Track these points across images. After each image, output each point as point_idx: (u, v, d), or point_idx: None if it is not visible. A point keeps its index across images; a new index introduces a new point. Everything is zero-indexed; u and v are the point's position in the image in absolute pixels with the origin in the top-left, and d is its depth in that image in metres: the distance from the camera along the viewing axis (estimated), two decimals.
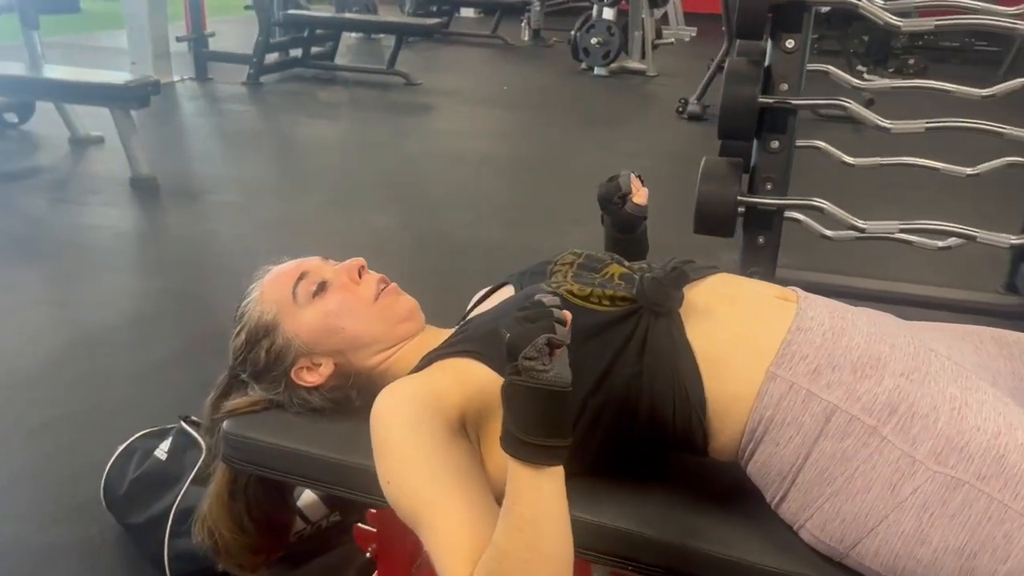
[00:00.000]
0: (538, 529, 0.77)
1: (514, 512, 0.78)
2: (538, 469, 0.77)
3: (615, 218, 1.27)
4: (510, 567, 0.78)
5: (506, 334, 0.77)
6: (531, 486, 0.78)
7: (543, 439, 0.76)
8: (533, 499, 0.78)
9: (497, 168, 4.53)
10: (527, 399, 0.76)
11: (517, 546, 0.77)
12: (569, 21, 9.19)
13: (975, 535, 0.79)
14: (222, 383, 1.18)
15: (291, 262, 1.15)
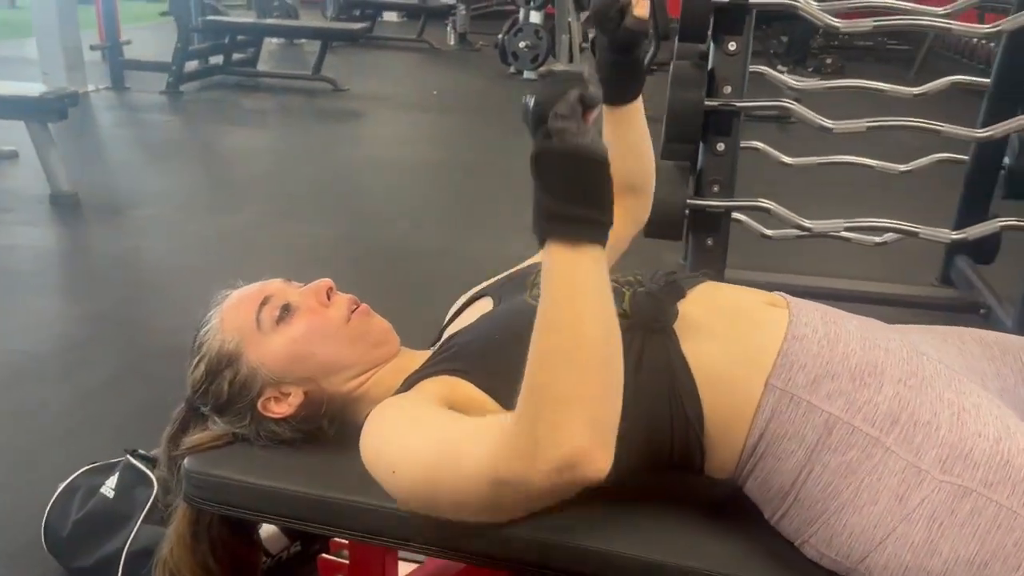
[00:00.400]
0: (583, 316, 0.72)
1: (554, 303, 0.73)
2: (576, 248, 0.71)
3: (613, 37, 1.07)
4: (552, 367, 0.72)
5: (530, 101, 0.71)
6: (574, 267, 0.72)
7: (581, 208, 0.70)
8: (576, 284, 0.72)
9: (435, 174, 4.48)
10: (563, 165, 0.70)
11: (559, 340, 0.72)
12: (495, 25, 9.17)
13: (985, 544, 0.78)
14: (179, 417, 1.11)
15: (251, 286, 1.09)
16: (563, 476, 0.72)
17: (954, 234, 2.30)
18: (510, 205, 3.87)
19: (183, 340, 1.09)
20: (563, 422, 0.71)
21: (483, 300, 1.09)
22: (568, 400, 0.72)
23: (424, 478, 0.84)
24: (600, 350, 0.73)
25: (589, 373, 0.73)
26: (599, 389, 0.73)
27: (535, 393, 0.73)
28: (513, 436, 0.75)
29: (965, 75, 2.56)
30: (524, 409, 0.74)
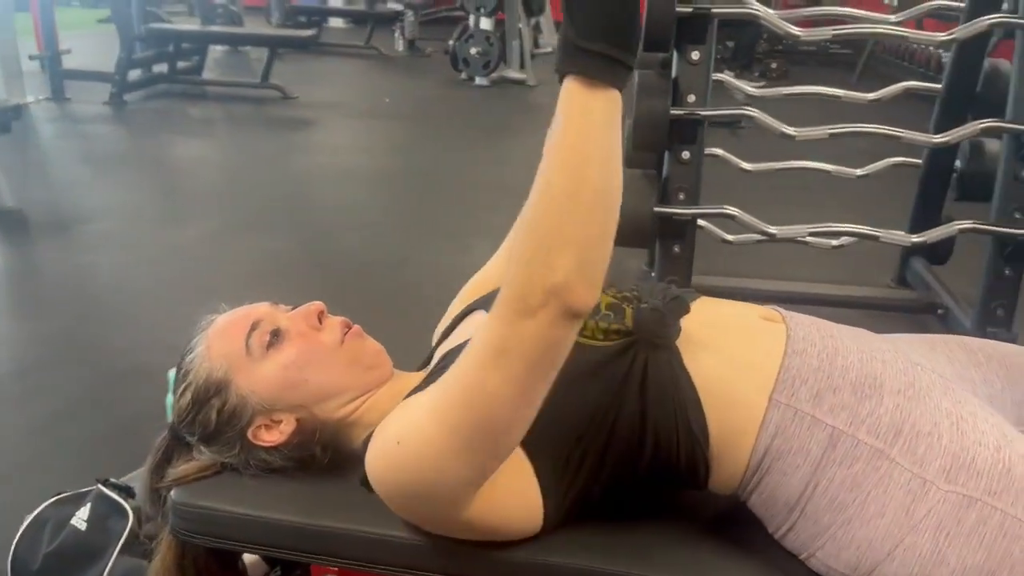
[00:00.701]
0: (590, 158, 0.71)
1: (563, 143, 0.71)
2: (592, 87, 0.70)
3: None
4: (552, 207, 0.72)
5: None
6: (589, 107, 0.70)
7: (604, 46, 0.68)
8: (589, 125, 0.71)
9: (390, 181, 4.45)
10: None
11: (562, 181, 0.72)
12: (443, 31, 9.15)
13: (992, 553, 0.79)
14: (162, 447, 1.07)
15: (238, 310, 1.06)
16: (550, 308, 0.72)
17: (914, 237, 2.36)
18: (468, 211, 3.87)
19: (141, 359, 1.06)
20: (555, 260, 0.72)
21: (477, 314, 1.08)
22: (564, 242, 0.72)
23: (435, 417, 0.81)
24: (601, 196, 0.73)
25: (587, 217, 0.72)
26: (595, 233, 0.73)
27: (531, 232, 0.73)
28: (507, 295, 0.75)
29: (905, 79, 2.63)
30: (518, 258, 0.75)
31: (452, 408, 0.80)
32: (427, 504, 0.87)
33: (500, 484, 0.85)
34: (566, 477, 0.88)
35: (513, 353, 0.76)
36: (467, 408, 0.79)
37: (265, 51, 6.60)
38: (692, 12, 2.21)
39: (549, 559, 0.92)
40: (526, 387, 0.78)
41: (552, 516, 0.89)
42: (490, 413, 0.79)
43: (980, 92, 2.69)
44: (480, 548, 0.92)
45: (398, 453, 0.84)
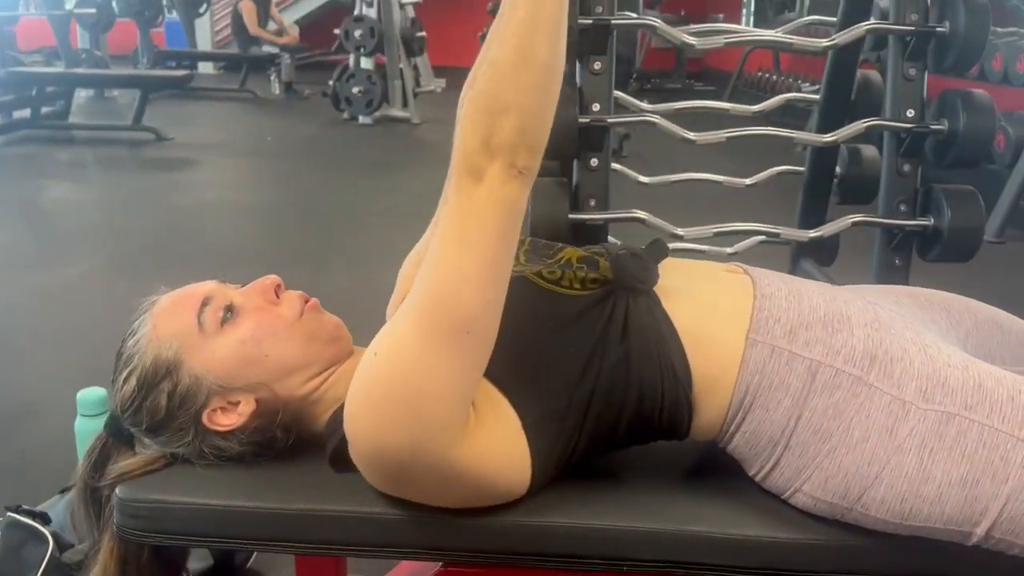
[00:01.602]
0: (532, 30, 0.76)
1: (513, 17, 0.77)
2: None
3: None
4: (493, 78, 0.77)
5: None
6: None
7: None
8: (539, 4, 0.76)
9: (283, 217, 4.33)
10: None
11: (508, 52, 0.77)
12: (319, 73, 9.11)
13: (974, 463, 0.82)
14: (98, 445, 0.99)
15: (183, 289, 0.99)
16: (497, 165, 0.77)
17: (811, 233, 2.47)
18: (369, 243, 3.81)
19: (18, 399, 0.97)
20: (498, 122, 0.77)
21: None
22: (506, 106, 0.77)
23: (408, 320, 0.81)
24: (545, 70, 0.78)
25: (531, 87, 0.78)
26: (537, 104, 0.78)
27: (476, 100, 0.78)
28: (458, 164, 0.79)
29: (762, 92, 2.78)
30: (465, 120, 0.79)
31: (425, 304, 0.80)
32: (415, 434, 0.80)
33: (488, 431, 0.84)
34: (551, 429, 0.87)
35: (471, 221, 0.79)
36: (436, 292, 0.80)
37: (134, 95, 6.35)
38: (592, 23, 2.27)
39: (536, 520, 0.90)
40: (489, 256, 0.79)
41: (538, 474, 0.87)
42: (458, 290, 0.79)
43: (855, 100, 2.86)
44: (463, 516, 0.89)
45: (377, 364, 0.81)
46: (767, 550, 0.89)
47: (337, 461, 0.93)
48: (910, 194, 2.39)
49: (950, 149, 2.29)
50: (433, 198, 0.96)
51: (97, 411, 1.51)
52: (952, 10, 2.22)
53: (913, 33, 2.26)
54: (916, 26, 2.25)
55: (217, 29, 11.67)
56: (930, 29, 2.24)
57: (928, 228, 2.32)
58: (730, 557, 0.89)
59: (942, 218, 2.29)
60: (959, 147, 2.26)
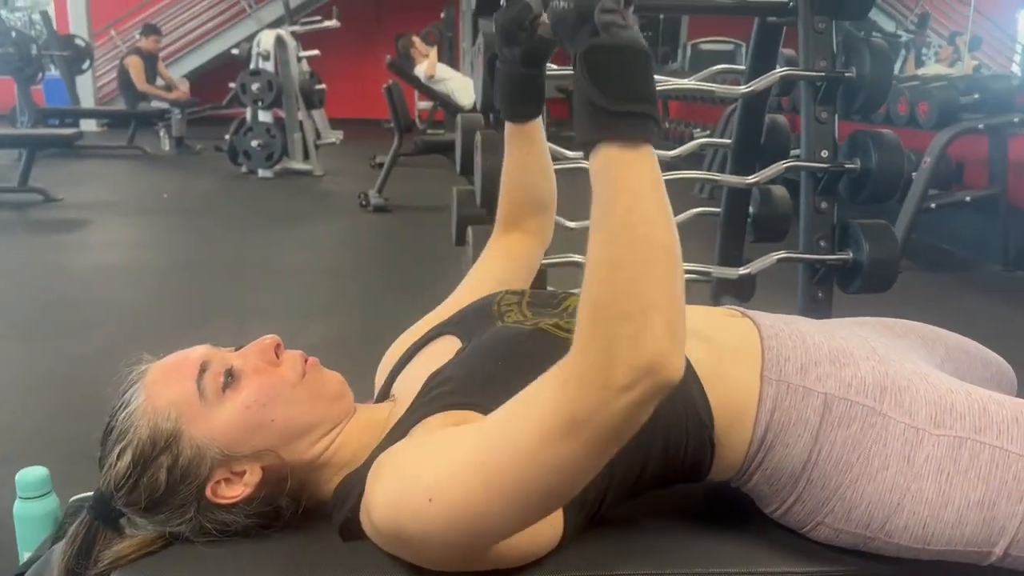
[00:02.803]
0: (648, 217, 0.67)
1: (615, 210, 0.67)
2: (635, 146, 0.67)
3: (526, 47, 1.04)
4: (622, 280, 0.66)
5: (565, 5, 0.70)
6: (632, 168, 0.67)
7: (637, 104, 0.67)
8: (637, 185, 0.67)
9: (191, 275, 4.16)
10: (615, 60, 0.67)
11: (627, 247, 0.67)
12: (210, 128, 8.92)
13: (989, 484, 0.85)
14: (82, 530, 0.91)
15: (175, 355, 0.93)
16: (643, 387, 0.66)
17: (741, 270, 2.55)
18: (288, 296, 3.71)
19: None
20: (642, 332, 0.66)
21: (444, 340, 1.02)
22: (645, 308, 0.66)
23: (480, 482, 0.73)
24: (670, 252, 0.69)
25: (663, 276, 0.68)
26: (674, 291, 0.69)
27: (606, 310, 0.67)
28: (583, 367, 0.68)
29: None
30: (593, 332, 0.68)
31: (500, 473, 0.72)
32: (438, 557, 0.80)
33: None
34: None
35: (587, 429, 0.68)
36: (520, 477, 0.72)
37: (14, 155, 6.03)
38: None
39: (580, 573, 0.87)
40: (595, 458, 0.72)
41: (570, 531, 0.86)
42: (547, 483, 0.72)
43: (764, 143, 3.00)
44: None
45: (430, 510, 0.74)
46: None
47: (347, 532, 0.89)
48: (828, 230, 2.51)
49: (864, 186, 2.43)
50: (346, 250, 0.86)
51: (38, 492, 1.40)
52: (858, 56, 2.37)
53: (823, 78, 2.40)
54: (826, 71, 2.39)
55: (100, 85, 11.30)
56: (839, 74, 2.38)
57: (848, 262, 2.44)
58: None
59: (860, 251, 2.42)
60: (872, 184, 2.40)
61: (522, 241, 1.25)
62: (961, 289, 4.01)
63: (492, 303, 1.03)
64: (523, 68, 1.07)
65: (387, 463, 0.82)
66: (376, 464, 0.83)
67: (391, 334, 1.17)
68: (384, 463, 0.82)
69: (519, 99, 1.11)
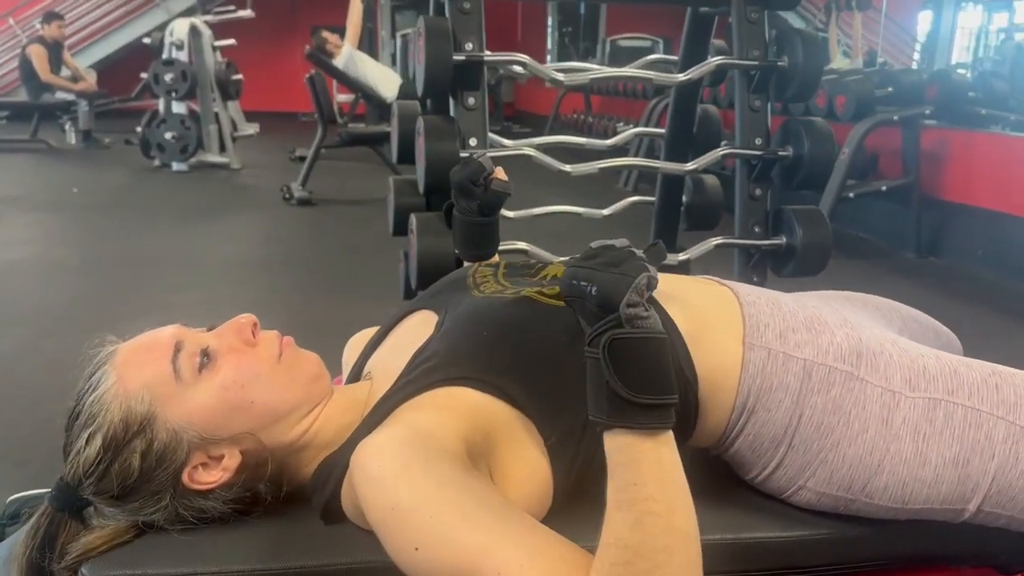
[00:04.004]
0: (671, 507, 0.69)
1: (638, 496, 0.68)
2: (656, 437, 0.70)
3: (482, 200, 1.19)
4: (644, 566, 0.66)
5: (588, 287, 0.71)
6: (654, 458, 0.70)
7: (660, 396, 0.69)
8: (659, 475, 0.69)
9: (108, 272, 3.99)
10: (638, 353, 0.69)
11: (650, 534, 0.67)
12: (118, 121, 8.59)
13: (963, 443, 0.88)
14: (42, 523, 0.86)
15: (146, 335, 0.89)
16: None
17: (680, 256, 2.59)
18: (198, 297, 3.58)
19: None
20: None
21: (419, 315, 1.00)
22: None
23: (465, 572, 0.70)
24: (689, 540, 0.70)
25: (683, 567, 0.68)
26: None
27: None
28: None
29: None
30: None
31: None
32: None
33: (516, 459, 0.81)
34: (571, 447, 0.85)
35: None
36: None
37: None
38: (465, 60, 2.30)
39: None
40: None
41: (559, 494, 0.86)
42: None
43: (696, 133, 3.06)
44: None
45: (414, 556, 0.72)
46: (779, 550, 0.92)
47: (328, 514, 0.87)
48: (762, 216, 2.57)
49: (796, 173, 2.50)
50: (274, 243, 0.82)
51: None
52: (790, 46, 2.43)
53: (757, 67, 2.45)
54: (759, 61, 2.45)
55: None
56: (772, 63, 2.44)
57: (781, 246, 2.51)
58: (747, 561, 0.91)
59: (794, 236, 2.48)
60: (805, 171, 2.46)
61: None
62: (879, 275, 4.17)
63: (466, 275, 1.02)
64: (479, 217, 1.22)
65: (376, 459, 0.77)
66: (363, 454, 0.79)
67: (328, 325, 1.16)
68: (372, 459, 0.77)
69: (476, 245, 1.25)
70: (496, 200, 1.20)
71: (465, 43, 2.31)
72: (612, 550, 0.68)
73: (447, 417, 0.81)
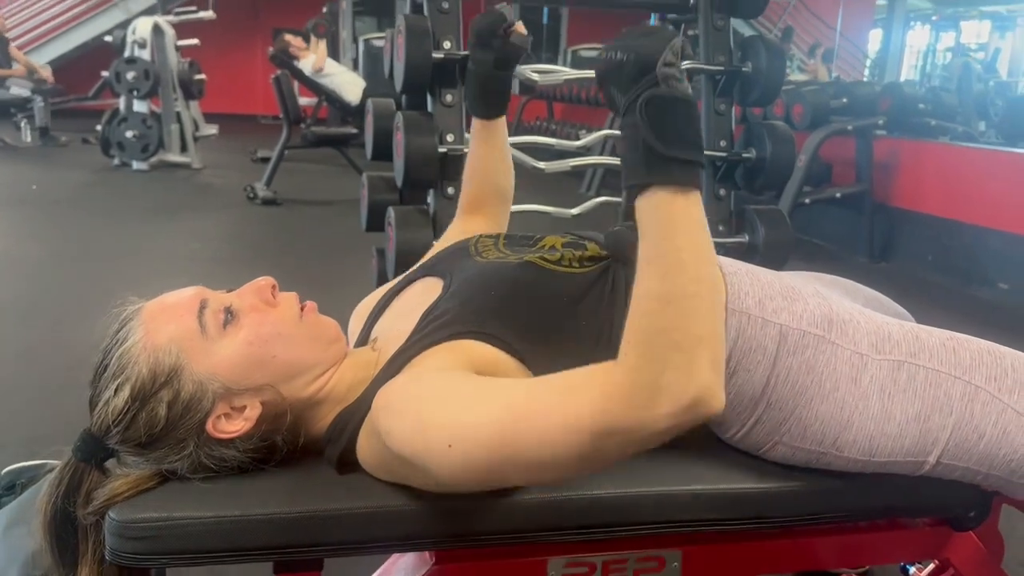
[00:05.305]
0: (699, 255, 0.72)
1: (668, 248, 0.71)
2: (685, 191, 0.72)
3: (498, 53, 1.18)
4: (674, 313, 0.70)
5: (623, 56, 0.73)
6: (685, 215, 0.72)
7: (691, 151, 0.73)
8: (690, 228, 0.72)
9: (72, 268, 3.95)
10: (673, 110, 0.72)
11: (680, 283, 0.71)
12: (75, 121, 8.47)
13: (924, 400, 0.97)
14: (67, 473, 0.90)
15: (171, 294, 0.93)
16: (687, 416, 0.70)
17: None
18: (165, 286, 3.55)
19: None
20: (691, 364, 0.69)
21: (423, 282, 1.06)
22: (695, 342, 0.70)
23: (499, 442, 0.75)
24: (717, 290, 0.74)
25: (711, 313, 0.72)
26: (719, 326, 0.73)
27: (658, 337, 0.70)
28: (630, 386, 0.70)
29: None
30: (644, 355, 0.70)
31: (518, 442, 0.75)
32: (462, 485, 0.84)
33: None
34: None
35: (617, 438, 0.72)
36: (536, 455, 0.75)
37: None
38: (444, 58, 2.36)
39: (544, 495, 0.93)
40: (615, 460, 0.76)
41: None
42: (561, 464, 0.75)
43: None
44: (482, 499, 0.91)
45: (449, 456, 0.77)
46: (758, 501, 0.99)
47: (343, 464, 0.93)
48: (726, 215, 2.68)
49: (759, 175, 2.61)
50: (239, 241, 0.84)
51: None
52: (754, 52, 2.54)
53: (722, 72, 2.56)
54: (724, 66, 2.56)
55: None
56: (736, 68, 2.55)
57: (745, 245, 2.61)
58: (727, 511, 0.98)
59: (756, 235, 2.59)
60: (767, 172, 2.57)
61: (483, 224, 1.32)
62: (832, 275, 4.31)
63: (468, 245, 1.08)
64: (495, 71, 1.21)
65: (399, 395, 0.84)
66: (384, 397, 0.85)
67: None
68: (395, 396, 0.84)
69: (487, 102, 1.25)
70: (513, 54, 1.18)
71: (444, 42, 2.38)
72: (643, 302, 0.72)
73: (463, 364, 0.87)
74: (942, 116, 4.70)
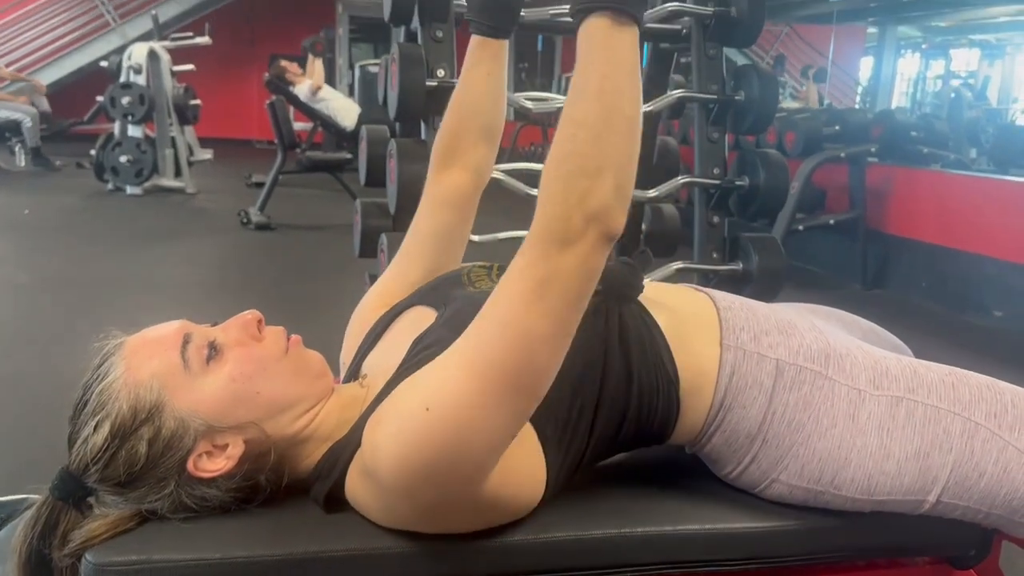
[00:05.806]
0: (619, 88, 0.75)
1: (592, 74, 0.75)
2: (620, 24, 0.76)
3: None
4: (585, 138, 0.75)
5: None
6: (615, 41, 0.76)
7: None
8: (615, 56, 0.75)
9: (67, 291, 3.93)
10: None
11: (593, 109, 0.75)
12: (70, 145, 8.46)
13: (924, 437, 0.95)
14: (43, 513, 0.87)
15: (154, 328, 0.91)
16: (592, 234, 0.75)
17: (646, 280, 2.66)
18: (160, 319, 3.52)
19: None
20: (594, 187, 0.74)
21: (416, 311, 1.04)
22: (600, 167, 0.75)
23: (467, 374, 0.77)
24: (631, 123, 0.77)
25: (620, 142, 0.76)
26: (628, 158, 0.77)
27: (566, 162, 0.76)
28: (540, 225, 0.76)
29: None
30: (551, 187, 0.76)
31: (491, 356, 0.77)
32: (457, 482, 0.81)
33: (512, 453, 0.84)
34: (564, 440, 0.90)
35: (554, 286, 0.76)
36: (507, 352, 0.77)
37: None
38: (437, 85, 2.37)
39: (542, 536, 0.92)
40: (566, 319, 0.78)
41: (551, 486, 0.90)
42: (532, 352, 0.77)
43: (656, 163, 3.16)
44: (471, 541, 0.89)
45: (429, 419, 0.77)
46: (755, 540, 0.97)
47: (331, 501, 0.90)
48: (720, 242, 2.67)
49: (752, 201, 2.60)
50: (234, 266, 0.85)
51: None
52: (746, 81, 2.55)
53: (715, 101, 2.56)
54: (717, 95, 2.56)
55: None
56: (729, 97, 2.56)
57: (738, 272, 2.60)
58: (725, 551, 0.96)
59: (750, 262, 2.58)
60: (760, 200, 2.57)
61: (459, 182, 1.17)
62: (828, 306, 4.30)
63: (461, 274, 1.06)
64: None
65: (384, 411, 0.82)
66: (372, 419, 0.83)
67: None
68: (381, 413, 0.82)
69: (491, 13, 1.09)
70: None
71: (437, 70, 2.38)
72: (562, 126, 0.76)
73: None
74: (934, 143, 4.72)
